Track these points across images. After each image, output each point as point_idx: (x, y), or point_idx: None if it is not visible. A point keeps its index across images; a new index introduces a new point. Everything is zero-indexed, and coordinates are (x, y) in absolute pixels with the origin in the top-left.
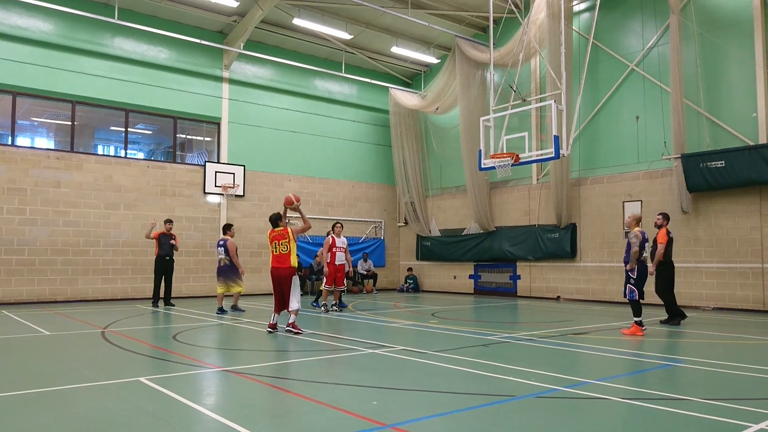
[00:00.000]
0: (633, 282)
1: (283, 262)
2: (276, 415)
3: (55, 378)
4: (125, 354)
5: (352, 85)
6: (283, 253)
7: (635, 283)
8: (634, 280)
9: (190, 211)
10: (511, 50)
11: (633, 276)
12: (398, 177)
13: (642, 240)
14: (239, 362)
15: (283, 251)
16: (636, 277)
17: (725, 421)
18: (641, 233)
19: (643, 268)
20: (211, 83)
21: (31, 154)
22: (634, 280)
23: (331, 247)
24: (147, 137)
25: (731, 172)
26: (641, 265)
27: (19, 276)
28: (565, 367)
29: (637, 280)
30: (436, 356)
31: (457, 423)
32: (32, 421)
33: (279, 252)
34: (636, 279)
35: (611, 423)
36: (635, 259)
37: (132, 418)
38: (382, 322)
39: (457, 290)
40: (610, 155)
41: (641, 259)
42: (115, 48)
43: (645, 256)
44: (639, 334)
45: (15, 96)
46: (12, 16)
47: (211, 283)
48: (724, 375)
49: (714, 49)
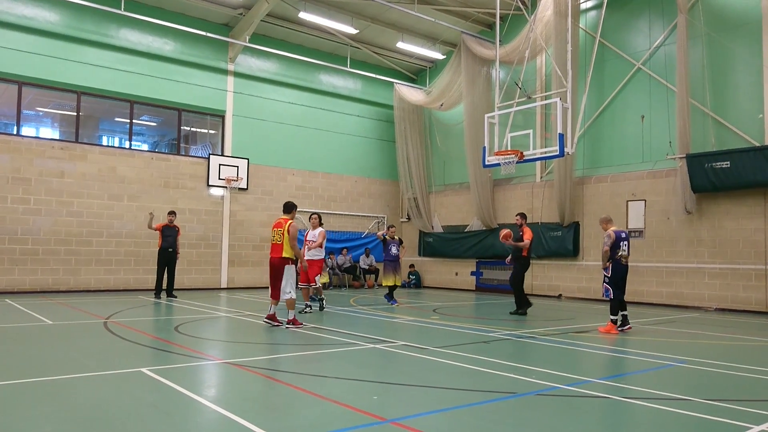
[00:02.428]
0: (607, 281)
1: (277, 251)
2: (276, 407)
3: (57, 367)
4: (127, 345)
5: (356, 80)
6: (278, 243)
7: (609, 282)
8: (609, 278)
9: (194, 203)
10: (517, 47)
11: (607, 275)
12: (401, 173)
13: (615, 239)
14: (240, 354)
15: (278, 241)
16: (610, 275)
17: (727, 422)
18: (615, 233)
19: (618, 267)
20: (216, 76)
21: (36, 144)
22: (608, 279)
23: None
24: (151, 129)
25: (736, 172)
26: (616, 264)
27: (22, 265)
28: (566, 365)
29: (611, 279)
30: (437, 352)
31: (458, 419)
32: (34, 410)
33: (275, 241)
34: (610, 278)
35: (612, 422)
36: (606, 259)
37: (133, 408)
38: (384, 317)
39: (459, 287)
40: (614, 154)
41: (617, 258)
42: (120, 39)
43: (621, 254)
44: (613, 332)
45: (20, 86)
46: (18, 6)
47: (213, 276)
48: (726, 376)
49: (721, 50)
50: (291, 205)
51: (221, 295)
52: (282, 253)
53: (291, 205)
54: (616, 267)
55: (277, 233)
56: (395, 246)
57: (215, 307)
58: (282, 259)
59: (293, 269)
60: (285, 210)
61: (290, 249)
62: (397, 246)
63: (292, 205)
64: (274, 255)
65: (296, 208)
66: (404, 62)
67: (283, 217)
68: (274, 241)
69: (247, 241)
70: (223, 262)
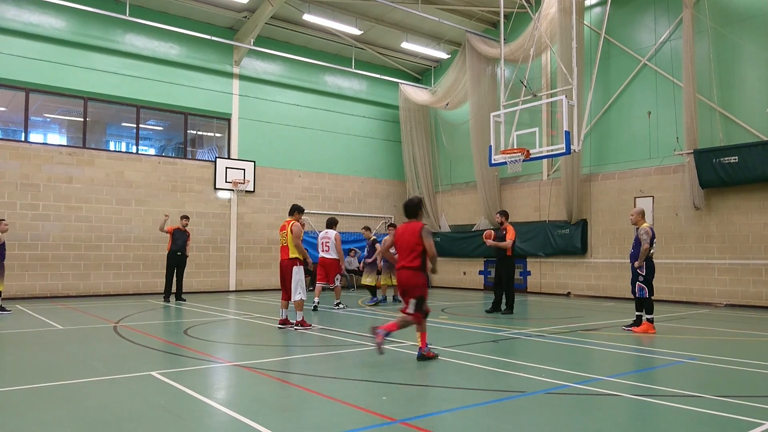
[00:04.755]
0: (642, 279)
1: (284, 253)
2: (285, 409)
3: (68, 372)
4: (137, 348)
5: (361, 81)
6: (284, 244)
7: (644, 281)
8: (644, 278)
9: (201, 206)
10: (521, 45)
11: (642, 273)
12: (408, 173)
13: (652, 236)
14: (249, 357)
15: (284, 243)
16: (645, 274)
17: (737, 418)
18: (651, 229)
19: (651, 265)
20: (221, 79)
21: (44, 150)
22: (643, 278)
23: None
24: (158, 133)
25: (744, 167)
26: (649, 262)
27: (32, 271)
28: (576, 363)
29: (646, 277)
30: (446, 352)
31: (467, 419)
32: (46, 414)
33: (282, 243)
34: (645, 276)
35: (622, 420)
36: (645, 256)
37: (143, 411)
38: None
39: (467, 286)
40: (621, 151)
41: (649, 256)
42: (126, 44)
43: (653, 252)
44: (651, 332)
45: (28, 92)
46: (24, 13)
47: (222, 279)
48: (736, 372)
49: (727, 44)
50: (294, 208)
51: (230, 298)
52: (289, 254)
53: (294, 207)
54: (650, 265)
55: (282, 235)
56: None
57: (224, 309)
58: (290, 261)
59: (302, 270)
60: (289, 213)
61: (296, 249)
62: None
63: (295, 207)
64: (283, 256)
65: (300, 210)
66: (409, 62)
67: (287, 220)
68: (282, 243)
69: (254, 244)
70: (231, 264)
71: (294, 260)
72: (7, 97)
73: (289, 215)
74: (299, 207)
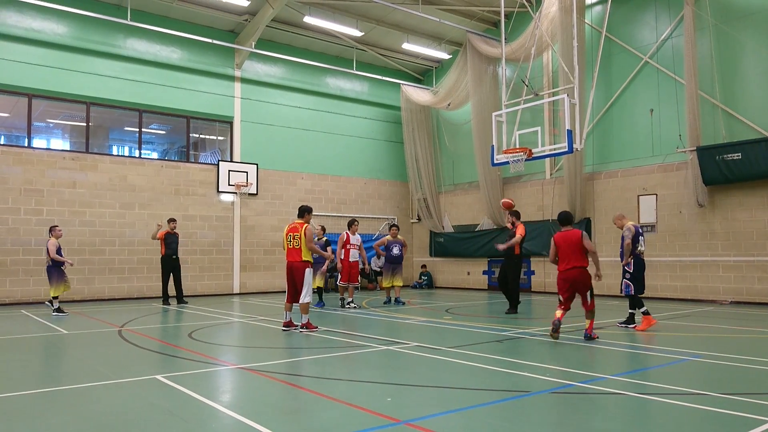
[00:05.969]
0: (629, 277)
1: (296, 255)
2: (290, 411)
3: (73, 376)
4: (142, 352)
5: (363, 82)
6: (296, 247)
7: (631, 278)
8: (630, 275)
9: (204, 209)
10: (522, 44)
11: (629, 270)
12: (411, 173)
13: (635, 233)
14: (254, 360)
15: (296, 245)
16: (632, 271)
17: (742, 415)
18: (634, 227)
19: (639, 261)
20: (223, 82)
21: (47, 156)
22: (630, 275)
23: (345, 244)
24: (160, 137)
25: (748, 164)
26: (637, 259)
27: (37, 276)
28: (580, 362)
29: (633, 275)
30: (451, 352)
31: (472, 419)
32: (51, 418)
33: (292, 245)
34: (632, 273)
35: (627, 418)
36: (629, 253)
37: (148, 415)
38: (397, 318)
39: (471, 286)
40: (624, 149)
41: (636, 253)
42: (128, 49)
43: (640, 249)
44: (653, 323)
45: (30, 98)
46: (26, 19)
47: (225, 281)
48: (741, 369)
49: (729, 40)
50: (304, 209)
51: (234, 301)
52: (302, 256)
53: (304, 208)
54: (638, 262)
55: (294, 238)
56: (397, 246)
57: (228, 312)
58: (302, 263)
59: (311, 273)
60: (299, 214)
61: (308, 252)
62: (400, 247)
63: (305, 208)
64: (295, 259)
65: (309, 211)
66: (410, 63)
67: (298, 221)
68: (291, 246)
69: (258, 246)
70: (234, 267)
71: (307, 263)
72: (10, 102)
73: (299, 217)
74: (308, 207)
